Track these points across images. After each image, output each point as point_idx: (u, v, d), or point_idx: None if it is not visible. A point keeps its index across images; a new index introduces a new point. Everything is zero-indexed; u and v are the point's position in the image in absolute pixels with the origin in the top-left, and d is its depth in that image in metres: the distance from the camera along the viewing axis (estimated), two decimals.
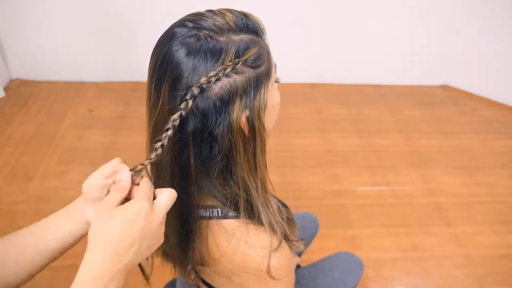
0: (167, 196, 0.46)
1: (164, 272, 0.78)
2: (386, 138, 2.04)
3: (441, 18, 2.21)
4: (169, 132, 0.45)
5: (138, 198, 0.45)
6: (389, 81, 2.45)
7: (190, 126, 0.46)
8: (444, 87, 2.46)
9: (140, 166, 0.48)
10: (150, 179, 0.48)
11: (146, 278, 0.52)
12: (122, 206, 0.44)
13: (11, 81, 2.28)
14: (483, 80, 2.33)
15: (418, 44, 2.30)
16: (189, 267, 0.61)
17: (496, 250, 1.51)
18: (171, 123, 0.44)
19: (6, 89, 2.21)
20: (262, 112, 0.48)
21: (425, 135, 2.07)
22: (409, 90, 2.42)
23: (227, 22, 0.46)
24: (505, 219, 1.64)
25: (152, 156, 0.46)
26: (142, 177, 0.48)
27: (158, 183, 0.55)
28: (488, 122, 2.18)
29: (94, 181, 0.52)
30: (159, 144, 0.45)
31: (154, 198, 0.47)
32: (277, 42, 0.62)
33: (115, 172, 0.50)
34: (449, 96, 2.38)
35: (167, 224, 0.58)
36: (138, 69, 2.05)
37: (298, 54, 2.29)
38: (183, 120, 0.45)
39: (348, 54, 2.34)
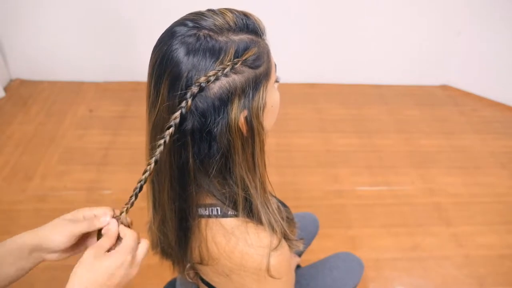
0: (145, 249, 0.51)
1: (164, 272, 0.78)
2: (386, 138, 2.04)
3: (441, 18, 2.22)
4: (171, 130, 0.45)
5: (123, 251, 0.49)
6: (389, 81, 2.45)
7: (189, 125, 0.46)
8: (444, 87, 2.46)
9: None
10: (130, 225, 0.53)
11: None
12: (109, 254, 0.48)
13: (11, 81, 2.28)
14: (483, 80, 2.33)
15: (418, 44, 2.31)
16: (188, 265, 0.61)
17: (496, 250, 1.51)
18: (172, 121, 0.45)
19: (6, 89, 2.21)
20: (261, 112, 0.48)
21: (425, 135, 2.07)
22: (409, 90, 2.42)
23: (227, 21, 0.46)
24: (505, 219, 1.64)
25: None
26: (129, 224, 0.53)
27: (156, 182, 0.55)
28: (488, 122, 2.18)
29: (59, 242, 0.53)
30: (161, 141, 0.45)
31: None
32: (277, 42, 0.62)
33: (87, 229, 0.54)
34: (449, 96, 2.39)
35: (166, 222, 0.58)
36: (138, 69, 2.05)
37: (298, 54, 2.29)
38: (182, 119, 0.45)
39: (348, 54, 2.35)
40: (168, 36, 0.46)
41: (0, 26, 2.11)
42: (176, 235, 0.57)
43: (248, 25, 0.48)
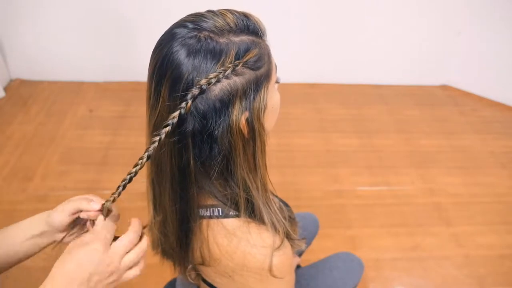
0: (126, 241, 0.50)
1: (164, 272, 0.78)
2: (386, 138, 2.04)
3: (441, 18, 2.22)
4: (168, 128, 0.45)
5: (93, 239, 0.48)
6: (389, 81, 2.45)
7: (190, 127, 0.46)
8: (444, 87, 2.46)
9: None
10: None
11: None
12: (80, 245, 0.48)
13: (11, 81, 2.28)
14: (483, 80, 2.33)
15: (418, 44, 2.31)
16: (189, 266, 0.61)
17: (496, 250, 1.51)
18: (170, 120, 0.44)
19: (6, 89, 2.21)
20: (262, 113, 0.48)
21: (425, 135, 2.07)
22: (409, 90, 2.42)
23: (227, 23, 0.46)
24: (505, 219, 1.64)
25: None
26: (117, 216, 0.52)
27: (157, 183, 0.55)
28: (488, 122, 2.18)
29: (59, 219, 0.56)
30: (156, 138, 0.45)
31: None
32: (277, 42, 0.62)
33: (81, 207, 0.55)
34: (449, 96, 2.39)
35: (167, 223, 0.58)
36: (138, 69, 2.05)
37: (298, 54, 2.29)
38: (182, 120, 0.45)
39: (348, 54, 2.35)
40: (168, 38, 0.46)
41: (0, 26, 2.11)
42: (177, 236, 0.57)
43: (248, 26, 0.48)
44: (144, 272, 0.52)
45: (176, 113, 0.44)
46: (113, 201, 0.52)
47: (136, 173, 0.48)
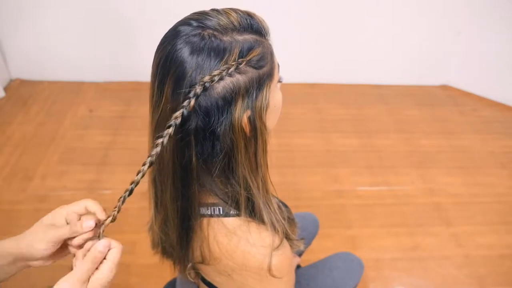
0: (118, 255, 0.48)
1: (164, 272, 0.79)
2: (386, 138, 2.04)
3: (441, 18, 2.22)
4: (171, 130, 0.45)
5: (105, 273, 0.46)
6: (389, 81, 2.45)
7: (192, 125, 0.46)
8: (444, 87, 2.46)
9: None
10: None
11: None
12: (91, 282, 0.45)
13: (11, 81, 2.28)
14: (483, 80, 2.33)
15: (418, 44, 2.31)
16: (189, 265, 0.61)
17: (496, 250, 1.51)
18: (173, 121, 0.44)
19: (6, 89, 2.21)
20: (264, 112, 0.49)
21: (425, 135, 2.07)
22: (409, 90, 2.42)
23: (231, 21, 0.47)
24: (505, 219, 1.64)
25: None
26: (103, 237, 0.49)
27: (158, 181, 0.55)
28: (488, 122, 2.18)
29: (42, 248, 0.51)
30: (159, 140, 0.45)
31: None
32: (277, 42, 0.62)
33: (86, 209, 0.53)
34: (449, 96, 2.39)
35: (168, 222, 0.58)
36: (138, 69, 2.05)
37: (298, 54, 2.29)
38: (185, 118, 0.45)
39: (348, 54, 2.35)
40: (172, 36, 0.46)
41: (0, 26, 2.11)
42: (177, 234, 0.58)
43: (252, 25, 0.48)
44: (144, 272, 0.52)
45: (179, 113, 0.44)
46: (114, 219, 0.50)
47: (137, 183, 0.47)
